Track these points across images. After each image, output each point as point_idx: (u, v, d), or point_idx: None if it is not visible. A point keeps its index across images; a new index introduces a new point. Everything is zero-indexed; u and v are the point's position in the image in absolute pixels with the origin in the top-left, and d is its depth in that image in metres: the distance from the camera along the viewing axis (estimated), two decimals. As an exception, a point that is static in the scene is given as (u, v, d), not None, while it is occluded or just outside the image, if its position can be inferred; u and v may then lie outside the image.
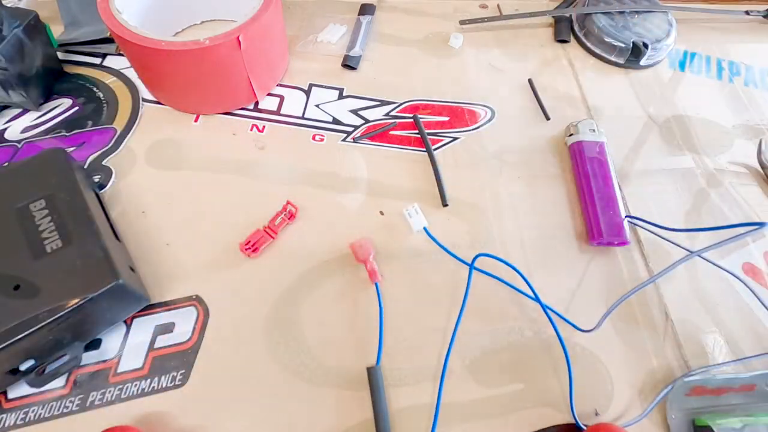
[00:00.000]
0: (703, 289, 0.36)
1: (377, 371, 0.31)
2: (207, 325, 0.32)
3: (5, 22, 0.37)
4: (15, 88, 0.39)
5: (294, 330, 0.33)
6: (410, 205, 0.37)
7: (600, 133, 0.41)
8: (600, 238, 0.36)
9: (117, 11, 0.37)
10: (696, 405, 0.30)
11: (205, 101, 0.42)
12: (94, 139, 0.40)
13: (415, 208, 0.36)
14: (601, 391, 0.32)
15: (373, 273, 0.34)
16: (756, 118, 0.47)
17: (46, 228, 0.30)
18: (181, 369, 0.31)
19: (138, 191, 0.38)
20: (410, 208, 0.37)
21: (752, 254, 0.38)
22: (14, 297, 0.27)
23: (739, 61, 0.52)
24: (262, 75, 0.41)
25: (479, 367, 0.32)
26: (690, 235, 0.39)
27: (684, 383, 0.31)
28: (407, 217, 0.36)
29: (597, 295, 0.35)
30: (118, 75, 0.45)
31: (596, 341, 0.33)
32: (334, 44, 0.48)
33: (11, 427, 0.28)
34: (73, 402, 0.29)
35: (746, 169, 0.43)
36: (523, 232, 0.38)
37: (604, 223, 0.37)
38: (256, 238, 0.35)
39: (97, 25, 0.46)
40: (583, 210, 0.39)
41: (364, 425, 0.30)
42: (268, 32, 0.39)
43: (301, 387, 0.31)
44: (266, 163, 0.40)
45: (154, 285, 0.34)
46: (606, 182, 0.39)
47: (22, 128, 0.40)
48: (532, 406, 0.31)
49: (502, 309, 0.34)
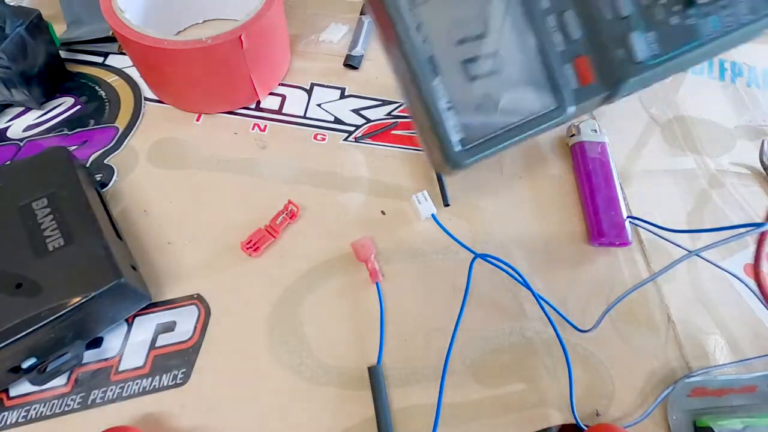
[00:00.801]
0: (704, 290, 0.36)
1: (378, 370, 0.31)
2: (208, 324, 0.32)
3: (8, 20, 0.37)
4: (17, 86, 0.39)
5: (295, 329, 0.33)
6: (419, 191, 0.36)
7: (602, 133, 0.41)
8: (601, 238, 0.36)
9: (119, 10, 0.37)
10: (697, 406, 0.30)
11: (207, 100, 0.42)
12: (96, 137, 0.40)
13: (424, 194, 0.36)
14: (602, 391, 0.32)
15: (374, 273, 0.34)
16: (758, 118, 0.47)
17: (48, 226, 0.30)
18: (182, 368, 0.31)
19: (140, 190, 0.38)
20: (419, 194, 0.36)
21: (752, 255, 0.38)
22: (16, 295, 0.27)
23: (742, 61, 0.52)
24: (264, 74, 0.41)
25: (480, 367, 0.32)
26: (692, 236, 0.39)
27: (685, 384, 0.31)
28: (416, 203, 0.36)
29: (598, 295, 0.35)
30: (120, 74, 0.45)
31: (597, 342, 0.33)
32: (336, 44, 0.48)
33: (13, 424, 0.29)
34: (75, 400, 0.29)
35: (748, 170, 0.43)
36: (523, 232, 0.38)
37: (606, 224, 0.37)
38: (257, 238, 0.35)
39: (100, 24, 0.46)
40: (585, 210, 0.39)
41: (364, 425, 0.30)
42: (270, 31, 0.39)
43: (301, 386, 0.31)
44: (268, 163, 0.40)
45: (155, 284, 0.34)
46: (608, 183, 0.39)
47: (24, 127, 0.41)
48: (533, 407, 0.31)
49: (502, 309, 0.34)
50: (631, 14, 0.24)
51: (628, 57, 0.25)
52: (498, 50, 0.25)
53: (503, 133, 0.25)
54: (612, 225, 0.37)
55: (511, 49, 0.25)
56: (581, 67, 0.25)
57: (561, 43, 0.25)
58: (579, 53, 0.25)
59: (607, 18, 0.25)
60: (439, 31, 0.24)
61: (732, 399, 0.31)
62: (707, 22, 0.25)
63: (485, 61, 0.24)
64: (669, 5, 0.25)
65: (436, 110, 0.24)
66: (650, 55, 0.25)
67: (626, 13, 0.25)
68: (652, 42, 0.25)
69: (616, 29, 0.24)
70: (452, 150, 0.24)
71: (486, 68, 0.24)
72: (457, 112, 0.24)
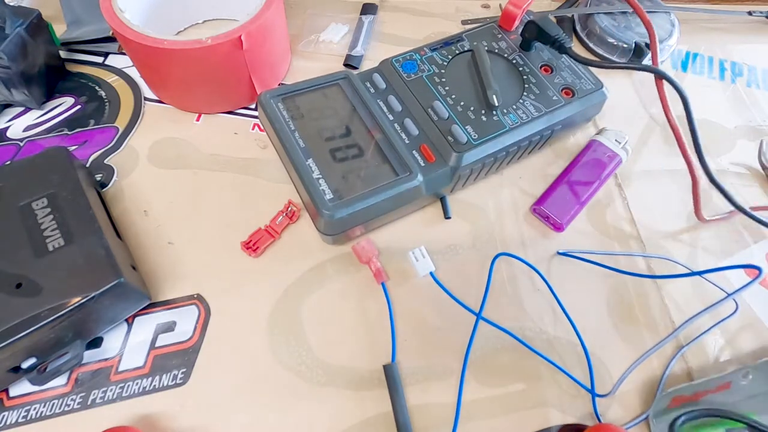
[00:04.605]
0: (704, 290, 0.36)
1: (394, 369, 0.31)
2: (208, 324, 0.32)
3: (8, 20, 0.37)
4: (17, 86, 0.39)
5: (295, 329, 0.33)
6: (416, 247, 0.35)
7: (624, 149, 0.40)
8: (539, 205, 0.38)
9: (119, 10, 0.37)
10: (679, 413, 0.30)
11: (206, 100, 0.42)
12: (96, 137, 0.40)
13: (421, 250, 0.35)
14: (603, 391, 0.32)
15: (378, 273, 0.34)
16: (758, 119, 0.47)
17: (48, 226, 0.30)
18: (182, 368, 0.31)
19: (140, 190, 0.38)
20: (416, 251, 0.35)
21: (753, 255, 0.38)
22: (16, 295, 0.27)
23: (742, 61, 0.52)
24: (264, 74, 0.41)
25: (480, 367, 0.32)
26: (692, 235, 0.39)
27: (663, 396, 0.31)
28: (412, 260, 0.35)
29: (598, 295, 0.35)
30: (120, 74, 0.45)
31: (598, 342, 0.33)
32: (336, 44, 0.48)
33: (13, 424, 0.29)
34: (75, 400, 0.30)
35: (747, 170, 0.43)
36: (523, 232, 0.38)
37: (554, 199, 0.38)
38: (257, 238, 0.35)
39: (100, 24, 0.46)
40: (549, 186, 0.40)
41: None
42: (270, 31, 0.39)
43: (302, 386, 0.31)
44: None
45: (155, 284, 0.34)
46: (590, 179, 0.39)
47: (24, 127, 0.41)
48: (533, 407, 0.31)
49: (502, 309, 0.34)
50: (449, 116, 0.36)
51: (455, 141, 0.35)
52: (358, 143, 0.35)
53: (367, 192, 0.33)
54: (559, 204, 0.37)
55: (368, 143, 0.35)
56: (425, 152, 0.35)
57: (405, 138, 0.36)
58: (422, 142, 0.36)
59: (434, 120, 0.36)
60: (310, 133, 0.35)
61: (710, 400, 0.31)
62: (508, 117, 0.37)
63: (348, 150, 0.35)
64: (476, 111, 0.37)
65: (310, 179, 0.33)
66: (471, 139, 0.35)
67: (446, 117, 0.36)
68: (471, 132, 0.36)
69: (443, 126, 0.36)
70: (326, 204, 0.32)
71: (349, 154, 0.35)
72: (327, 181, 0.33)
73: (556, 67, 0.41)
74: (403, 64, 0.40)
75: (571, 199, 0.38)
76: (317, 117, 0.36)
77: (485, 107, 0.37)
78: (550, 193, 0.38)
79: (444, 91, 0.38)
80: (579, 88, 0.39)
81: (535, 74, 0.40)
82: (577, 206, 0.38)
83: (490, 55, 0.41)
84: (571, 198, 0.38)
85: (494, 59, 0.41)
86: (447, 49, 0.41)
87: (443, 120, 0.36)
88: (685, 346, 0.33)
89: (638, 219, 0.39)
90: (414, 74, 0.39)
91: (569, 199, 0.38)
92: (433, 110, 0.37)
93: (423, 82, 0.39)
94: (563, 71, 0.40)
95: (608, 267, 0.36)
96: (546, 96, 0.39)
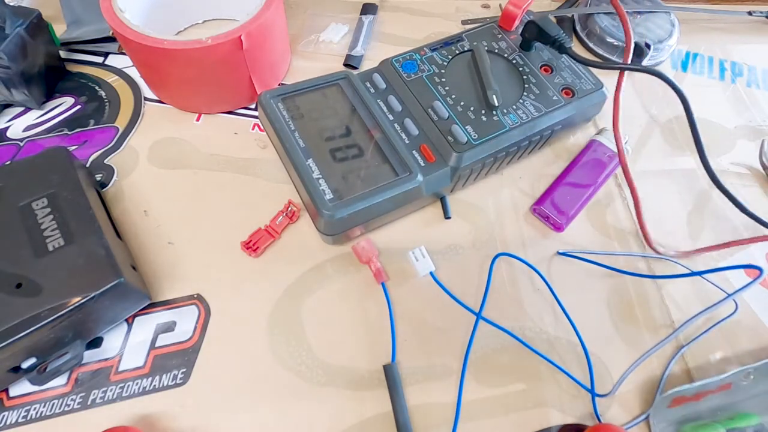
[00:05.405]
0: (704, 290, 0.36)
1: (394, 369, 0.31)
2: (208, 324, 0.32)
3: (8, 20, 0.37)
4: (17, 86, 0.39)
5: (295, 329, 0.33)
6: (416, 247, 0.35)
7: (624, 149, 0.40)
8: (539, 205, 0.38)
9: (119, 10, 0.37)
10: (679, 413, 0.30)
11: (206, 100, 0.42)
12: (96, 137, 0.40)
13: (421, 250, 0.35)
14: (603, 391, 0.32)
15: (378, 273, 0.34)
16: (758, 118, 0.47)
17: (48, 226, 0.30)
18: (182, 368, 0.31)
19: (140, 190, 0.38)
20: (416, 251, 0.35)
21: (753, 256, 0.38)
22: (16, 295, 0.27)
23: (742, 61, 0.52)
24: (264, 74, 0.41)
25: (480, 367, 0.32)
26: (692, 235, 0.39)
27: (663, 398, 0.31)
28: (412, 260, 0.34)
29: (598, 295, 0.35)
30: (120, 74, 0.45)
31: (598, 342, 0.33)
32: (336, 44, 0.48)
33: (13, 424, 0.29)
34: (75, 400, 0.29)
35: (748, 170, 0.43)
36: (523, 232, 0.38)
37: (554, 199, 0.38)
38: (258, 238, 0.35)
39: (100, 24, 0.46)
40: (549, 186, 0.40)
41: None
42: (270, 31, 0.39)
43: (302, 386, 0.31)
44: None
45: (155, 283, 0.34)
46: (592, 179, 0.39)
47: (24, 127, 0.41)
48: (533, 407, 0.31)
49: (502, 309, 0.34)
50: (449, 116, 0.36)
51: (455, 141, 0.35)
52: (358, 143, 0.35)
53: (367, 192, 0.33)
54: (559, 204, 0.37)
55: (368, 143, 0.35)
56: (425, 152, 0.35)
57: (405, 138, 0.36)
58: (422, 142, 0.36)
59: (434, 120, 0.36)
60: (310, 133, 0.35)
61: (711, 400, 0.30)
62: (508, 117, 0.37)
63: (348, 150, 0.35)
64: (476, 111, 0.37)
65: (310, 179, 0.33)
66: (471, 139, 0.35)
67: (446, 117, 0.36)
68: (471, 132, 0.36)
69: (443, 126, 0.36)
70: (326, 205, 0.32)
71: (349, 154, 0.35)
72: (327, 181, 0.33)
73: (556, 67, 0.41)
74: (403, 64, 0.40)
75: (571, 199, 0.38)
76: (317, 117, 0.37)
77: (485, 107, 0.37)
78: (550, 193, 0.38)
79: (444, 91, 0.38)
80: (579, 88, 0.39)
81: (535, 74, 0.40)
82: (577, 206, 0.38)
83: (490, 55, 0.41)
84: (571, 198, 0.38)
85: (494, 59, 0.41)
86: (447, 49, 0.41)
87: (443, 120, 0.36)
88: (685, 347, 0.34)
89: (638, 219, 0.39)
90: (414, 74, 0.39)
91: (569, 199, 0.38)
92: (433, 110, 0.37)
93: (423, 82, 0.39)
94: (563, 71, 0.40)
95: (608, 267, 0.36)
96: (546, 96, 0.39)
